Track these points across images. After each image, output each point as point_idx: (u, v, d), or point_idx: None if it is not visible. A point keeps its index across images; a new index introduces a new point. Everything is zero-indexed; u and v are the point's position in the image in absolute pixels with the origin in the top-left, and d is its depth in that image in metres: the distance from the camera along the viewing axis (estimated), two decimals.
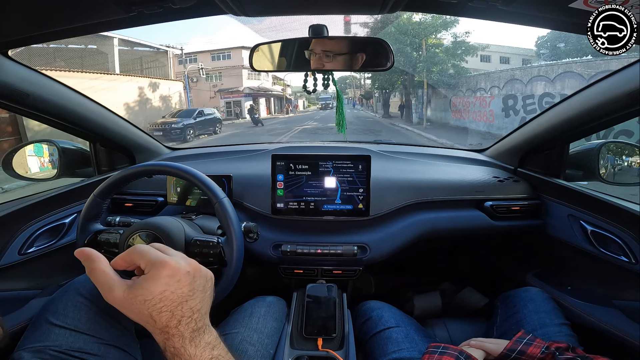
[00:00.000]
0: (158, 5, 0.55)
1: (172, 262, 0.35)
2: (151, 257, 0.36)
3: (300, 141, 5.39)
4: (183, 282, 0.35)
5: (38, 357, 0.60)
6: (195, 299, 0.35)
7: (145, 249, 0.37)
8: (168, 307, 0.33)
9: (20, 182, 4.03)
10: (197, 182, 0.74)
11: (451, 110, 12.62)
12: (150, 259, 0.36)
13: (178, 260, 0.36)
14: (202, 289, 0.37)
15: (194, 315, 0.35)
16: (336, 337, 0.80)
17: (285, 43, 0.78)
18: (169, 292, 0.34)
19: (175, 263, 0.35)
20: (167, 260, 0.35)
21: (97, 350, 0.65)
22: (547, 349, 0.61)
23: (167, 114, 13.00)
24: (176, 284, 0.34)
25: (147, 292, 0.33)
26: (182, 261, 0.36)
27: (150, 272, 0.35)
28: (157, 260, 0.35)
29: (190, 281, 0.35)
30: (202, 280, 0.37)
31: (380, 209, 0.98)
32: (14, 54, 0.75)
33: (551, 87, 8.67)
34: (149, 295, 0.33)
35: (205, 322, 0.36)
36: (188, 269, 0.36)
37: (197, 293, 0.36)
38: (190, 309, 0.35)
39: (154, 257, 0.35)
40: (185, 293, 0.35)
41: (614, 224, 0.84)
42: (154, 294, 0.33)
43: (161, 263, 0.35)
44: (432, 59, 13.05)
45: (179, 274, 0.35)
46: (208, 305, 0.38)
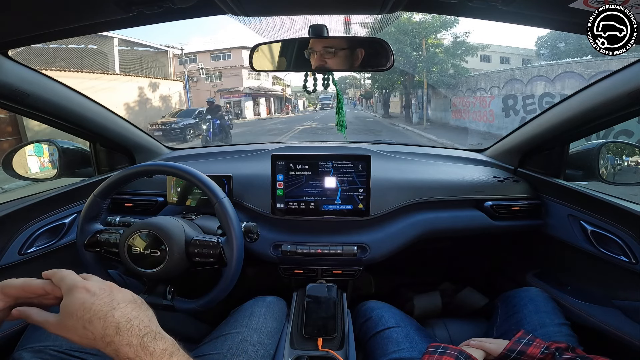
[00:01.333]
0: (158, 5, 0.55)
1: (82, 282, 0.38)
2: (67, 281, 0.38)
3: (300, 141, 5.39)
4: (100, 295, 0.36)
5: (38, 357, 0.61)
6: (123, 309, 0.36)
7: (64, 273, 0.40)
8: (96, 315, 0.34)
9: (20, 182, 4.03)
10: (197, 182, 0.74)
11: (451, 110, 12.62)
12: (66, 282, 0.38)
13: (90, 281, 0.38)
14: (130, 301, 0.38)
15: (132, 321, 0.35)
16: (336, 337, 0.80)
17: (285, 43, 0.78)
18: (88, 303, 0.35)
19: (85, 283, 0.38)
20: (80, 281, 0.38)
21: (96, 350, 0.65)
22: (547, 349, 0.61)
23: (167, 114, 12.99)
24: (93, 297, 0.36)
25: (69, 308, 0.35)
26: (96, 282, 0.39)
27: (66, 294, 0.37)
28: (72, 283, 0.37)
29: (107, 294, 0.37)
30: (123, 294, 0.38)
31: (380, 209, 0.98)
32: (14, 54, 0.75)
33: (551, 87, 8.66)
34: (71, 309, 0.35)
35: (151, 329, 0.36)
36: (102, 285, 0.38)
37: (124, 304, 0.37)
38: (124, 316, 0.35)
39: (70, 281, 0.38)
40: (107, 302, 0.36)
41: (614, 224, 0.84)
42: (75, 307, 0.35)
43: (74, 284, 0.37)
44: (432, 59, 13.05)
45: (93, 288, 0.37)
46: (148, 315, 0.38)
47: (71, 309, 0.35)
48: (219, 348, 0.69)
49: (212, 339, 0.74)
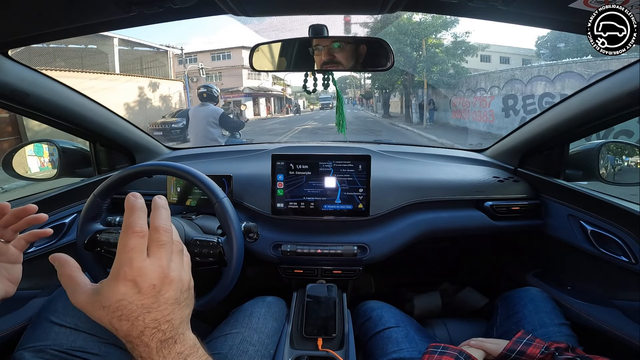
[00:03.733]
0: (158, 5, 0.55)
1: (134, 269, 0.31)
2: (121, 254, 0.31)
3: (300, 141, 5.39)
4: (145, 294, 0.31)
5: (39, 356, 0.61)
6: (160, 311, 0.32)
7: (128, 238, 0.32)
8: (127, 317, 0.31)
9: (20, 182, 4.03)
10: (197, 182, 0.74)
11: (451, 110, 12.64)
12: (119, 256, 0.32)
13: (145, 267, 0.31)
14: (174, 301, 0.33)
15: (160, 326, 0.32)
16: (336, 337, 0.80)
17: (285, 43, 0.78)
18: (126, 301, 0.30)
19: (139, 270, 0.31)
20: (134, 265, 0.31)
21: (97, 349, 0.66)
22: (547, 349, 0.61)
23: (167, 114, 12.97)
24: (135, 295, 0.31)
25: (104, 298, 0.31)
26: (154, 270, 0.32)
27: (111, 274, 0.31)
28: (124, 261, 0.31)
29: (154, 294, 0.31)
30: (173, 292, 0.33)
31: (380, 208, 0.98)
32: (14, 54, 0.75)
33: (551, 87, 8.67)
34: (105, 301, 0.31)
35: (177, 332, 0.33)
36: (154, 282, 0.31)
37: (165, 305, 0.32)
38: (155, 320, 0.31)
39: (123, 257, 0.31)
40: (148, 304, 0.31)
41: (614, 224, 0.84)
42: (110, 301, 0.30)
43: (127, 266, 0.31)
44: (432, 59, 13.05)
45: (142, 284, 0.31)
46: (183, 315, 0.34)
47: (107, 301, 0.31)
48: (220, 348, 0.69)
49: (212, 339, 0.74)
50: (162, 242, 0.33)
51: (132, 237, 0.31)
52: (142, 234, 0.32)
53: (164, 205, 0.36)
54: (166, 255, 0.33)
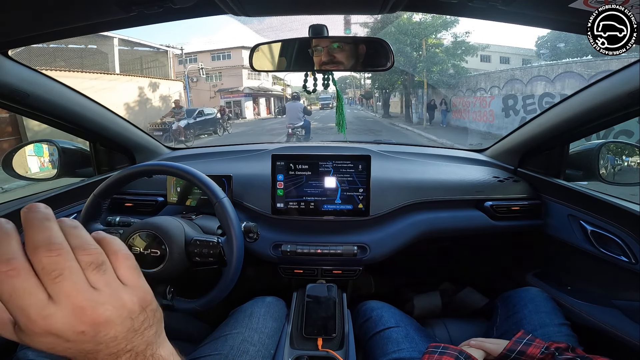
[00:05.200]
0: (158, 5, 0.55)
1: (39, 325, 0.21)
2: (7, 305, 0.21)
3: (300, 141, 5.38)
4: (77, 341, 0.23)
5: (42, 355, 0.61)
6: (111, 348, 0.24)
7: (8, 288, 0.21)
8: (74, 356, 0.24)
9: (20, 182, 4.03)
10: (197, 182, 0.74)
11: (451, 110, 12.64)
12: (7, 306, 0.22)
13: (52, 317, 0.21)
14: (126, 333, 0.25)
15: (119, 358, 0.25)
16: (336, 337, 0.80)
17: (285, 43, 0.78)
18: (60, 349, 0.23)
19: (46, 324, 0.21)
20: (33, 318, 0.21)
21: None
22: (547, 349, 0.61)
23: (167, 114, 13.00)
24: (66, 344, 0.23)
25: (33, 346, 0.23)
26: (67, 316, 0.22)
27: (20, 326, 0.22)
28: (17, 315, 0.21)
29: (89, 339, 0.23)
30: (119, 326, 0.24)
31: (380, 208, 0.98)
32: (14, 54, 0.75)
33: (551, 87, 8.67)
34: (37, 348, 0.23)
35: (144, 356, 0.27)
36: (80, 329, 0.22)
37: (114, 342, 0.24)
38: (111, 354, 0.25)
39: (14, 310, 0.21)
40: (89, 349, 0.24)
41: (614, 224, 0.84)
42: (41, 348, 0.23)
43: (27, 320, 0.21)
44: (432, 59, 13.05)
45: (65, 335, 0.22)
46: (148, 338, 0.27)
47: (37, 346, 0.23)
48: (220, 349, 0.69)
49: (213, 339, 0.74)
50: (56, 272, 0.22)
51: (1, 279, 0.21)
52: (13, 271, 0.21)
53: (39, 214, 0.23)
54: (76, 288, 0.22)
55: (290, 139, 6.01)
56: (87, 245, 0.24)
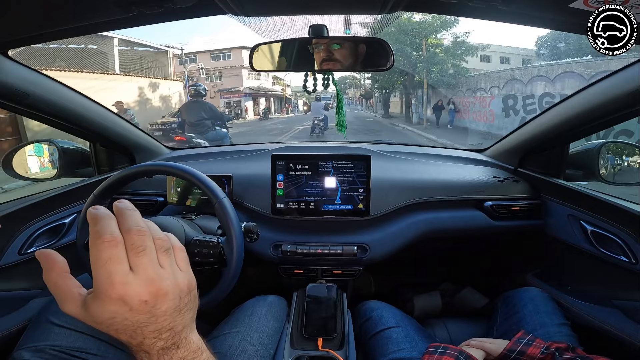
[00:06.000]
0: (158, 5, 0.55)
1: (117, 287, 0.26)
2: (97, 270, 0.27)
3: (300, 141, 5.39)
4: (137, 311, 0.27)
5: (38, 356, 0.61)
6: (159, 323, 0.29)
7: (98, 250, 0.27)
8: (123, 331, 0.28)
9: (20, 182, 4.02)
10: (197, 182, 0.74)
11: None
12: (95, 272, 0.27)
13: (130, 284, 0.27)
14: (173, 311, 0.30)
15: (161, 335, 0.29)
16: (336, 337, 0.80)
17: (285, 43, 0.78)
18: (119, 319, 0.27)
19: (123, 288, 0.27)
20: (115, 282, 0.27)
21: (97, 349, 0.66)
22: (547, 349, 0.61)
23: (167, 114, 12.98)
24: (127, 313, 0.27)
25: (94, 316, 0.27)
26: (140, 284, 0.27)
27: (94, 292, 0.27)
28: (102, 279, 0.27)
29: (147, 309, 0.28)
30: (171, 302, 0.29)
31: (380, 209, 0.98)
32: (13, 54, 0.75)
33: (551, 87, 8.68)
34: (97, 319, 0.27)
35: (179, 338, 0.31)
36: (144, 298, 0.27)
37: (163, 317, 0.29)
38: (155, 331, 0.29)
39: (100, 274, 0.27)
40: (143, 320, 0.28)
41: (614, 224, 0.84)
42: (101, 319, 0.27)
43: (108, 284, 0.26)
44: (432, 59, 13.07)
45: (131, 302, 0.27)
46: (185, 321, 0.32)
47: (97, 318, 0.27)
48: (219, 347, 0.69)
49: (212, 338, 0.74)
50: (141, 248, 0.28)
51: (103, 247, 0.27)
52: (113, 242, 0.27)
53: (129, 207, 0.31)
54: (151, 263, 0.29)
55: (315, 127, 8.42)
56: (160, 233, 0.31)
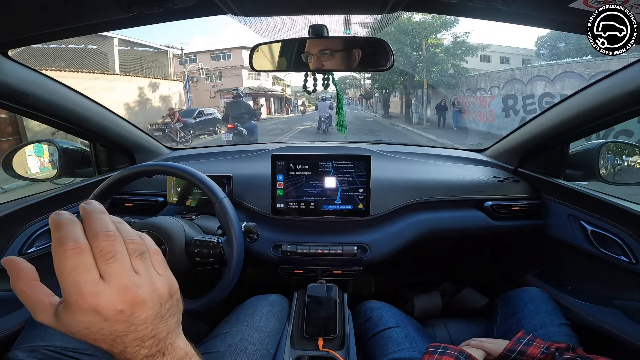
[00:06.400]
0: (158, 5, 0.55)
1: (87, 298, 0.24)
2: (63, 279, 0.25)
3: (300, 141, 5.38)
4: (113, 320, 0.26)
5: (33, 356, 0.61)
6: (140, 331, 0.27)
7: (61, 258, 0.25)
8: (102, 341, 0.27)
9: (20, 183, 4.02)
10: (197, 182, 0.74)
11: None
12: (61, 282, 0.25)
13: (101, 293, 0.25)
14: (154, 318, 0.28)
15: (144, 343, 0.28)
16: (336, 337, 0.80)
17: (285, 43, 0.78)
18: (94, 329, 0.26)
19: (93, 298, 0.25)
20: (84, 292, 0.25)
21: (92, 349, 0.66)
22: (547, 349, 0.61)
23: (167, 115, 12.99)
24: (103, 323, 0.25)
25: (68, 327, 0.26)
26: (113, 293, 0.26)
27: (65, 302, 0.25)
28: (69, 288, 0.25)
29: (124, 318, 0.26)
30: (151, 309, 0.28)
31: (380, 209, 0.98)
32: (13, 54, 0.75)
33: (551, 87, 8.68)
34: (71, 329, 0.26)
35: (164, 345, 0.29)
36: (119, 308, 0.26)
37: (143, 325, 0.27)
38: (136, 339, 0.27)
39: (67, 283, 0.25)
40: (121, 329, 0.26)
41: (614, 223, 0.84)
42: (76, 329, 0.26)
43: (76, 294, 0.24)
44: (432, 59, 13.06)
45: (105, 312, 0.25)
46: (169, 326, 0.30)
47: (72, 329, 0.26)
48: (219, 346, 0.69)
49: (212, 337, 0.74)
50: (110, 254, 0.26)
51: (66, 255, 0.24)
52: (78, 249, 0.25)
53: (96, 208, 0.28)
54: (123, 270, 0.27)
55: (322, 124, 9.90)
56: (133, 236, 0.29)
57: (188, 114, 12.11)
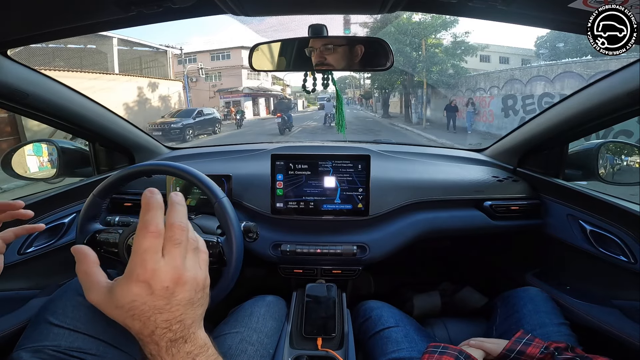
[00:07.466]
0: (157, 5, 0.55)
1: (148, 271, 0.30)
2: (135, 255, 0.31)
3: (299, 141, 5.38)
4: (157, 296, 0.31)
5: (37, 356, 0.60)
6: (172, 312, 0.32)
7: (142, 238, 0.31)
8: (139, 317, 0.31)
9: (18, 182, 4.02)
10: (197, 181, 0.74)
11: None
12: (133, 257, 0.31)
13: (159, 269, 0.31)
14: (187, 302, 0.32)
15: (171, 326, 0.32)
16: (336, 336, 0.80)
17: (285, 43, 0.78)
18: (138, 302, 0.30)
19: (152, 272, 0.30)
20: (147, 267, 0.30)
21: (95, 349, 0.65)
22: (546, 349, 0.61)
23: (167, 114, 12.99)
24: (148, 297, 0.30)
25: (117, 298, 0.31)
26: (167, 271, 0.31)
27: (125, 274, 0.31)
28: (137, 262, 0.30)
29: (166, 295, 0.31)
30: (187, 293, 0.32)
31: (379, 208, 0.98)
32: (12, 53, 0.75)
33: (551, 87, 8.68)
34: (119, 302, 0.31)
35: (188, 332, 0.33)
36: (167, 284, 0.31)
37: (177, 306, 0.32)
38: (167, 320, 0.31)
39: (137, 259, 0.31)
40: (160, 306, 0.31)
41: (613, 223, 0.84)
42: (123, 301, 0.30)
43: (140, 267, 0.30)
44: (432, 59, 13.06)
45: (155, 286, 0.30)
46: (195, 315, 0.34)
47: (120, 301, 0.30)
48: (218, 348, 0.69)
49: (212, 338, 0.74)
50: (178, 241, 0.32)
51: (147, 237, 0.31)
52: (156, 233, 0.31)
53: (180, 201, 0.35)
54: (181, 255, 0.32)
55: (327, 119, 12.48)
56: (194, 234, 0.35)
57: (187, 113, 12.10)
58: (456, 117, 11.25)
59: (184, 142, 10.57)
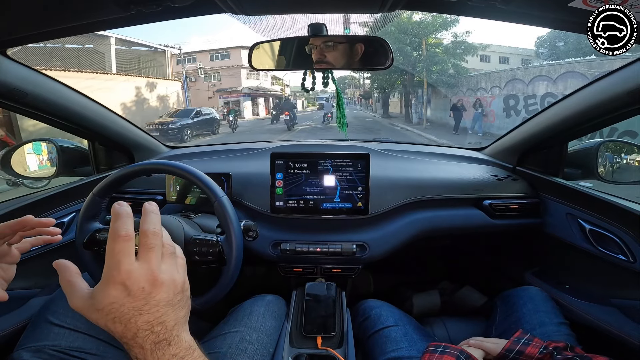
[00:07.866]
0: (157, 4, 0.55)
1: (122, 273, 0.31)
2: (109, 259, 0.32)
3: (299, 140, 5.38)
4: (135, 297, 0.31)
5: (37, 356, 0.61)
6: (152, 314, 0.32)
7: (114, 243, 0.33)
8: (119, 319, 0.31)
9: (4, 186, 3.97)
10: (197, 180, 0.74)
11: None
12: (107, 261, 0.32)
13: (134, 271, 0.32)
14: (166, 304, 0.33)
15: (153, 328, 0.32)
16: (335, 335, 0.80)
17: (285, 42, 0.78)
18: (117, 304, 0.31)
19: (127, 274, 0.31)
20: (122, 268, 0.31)
21: (95, 349, 0.66)
22: (546, 349, 0.61)
23: (165, 114, 12.93)
24: (126, 298, 0.31)
25: (97, 301, 0.32)
26: (142, 273, 0.32)
27: (102, 278, 0.32)
28: (112, 265, 0.32)
29: (144, 296, 0.32)
30: (165, 294, 0.33)
31: (379, 207, 0.98)
32: (11, 53, 0.75)
33: (553, 87, 8.63)
34: (99, 305, 0.31)
35: (171, 334, 0.33)
36: (143, 285, 0.32)
37: (156, 307, 0.32)
38: (147, 322, 0.32)
39: (111, 262, 0.32)
40: (139, 307, 0.32)
41: (613, 222, 0.84)
42: (103, 304, 0.31)
43: (115, 269, 0.31)
44: (432, 59, 13.05)
45: (131, 287, 0.31)
46: (177, 317, 0.34)
47: (100, 304, 0.31)
48: (219, 347, 0.69)
49: (211, 338, 0.74)
50: (151, 245, 0.34)
51: (118, 241, 0.33)
52: (127, 237, 0.33)
53: (153, 210, 0.38)
54: (155, 258, 0.34)
55: (326, 119, 13.21)
56: (169, 241, 0.38)
57: (186, 114, 12.05)
58: (462, 118, 10.60)
59: (181, 142, 10.53)
